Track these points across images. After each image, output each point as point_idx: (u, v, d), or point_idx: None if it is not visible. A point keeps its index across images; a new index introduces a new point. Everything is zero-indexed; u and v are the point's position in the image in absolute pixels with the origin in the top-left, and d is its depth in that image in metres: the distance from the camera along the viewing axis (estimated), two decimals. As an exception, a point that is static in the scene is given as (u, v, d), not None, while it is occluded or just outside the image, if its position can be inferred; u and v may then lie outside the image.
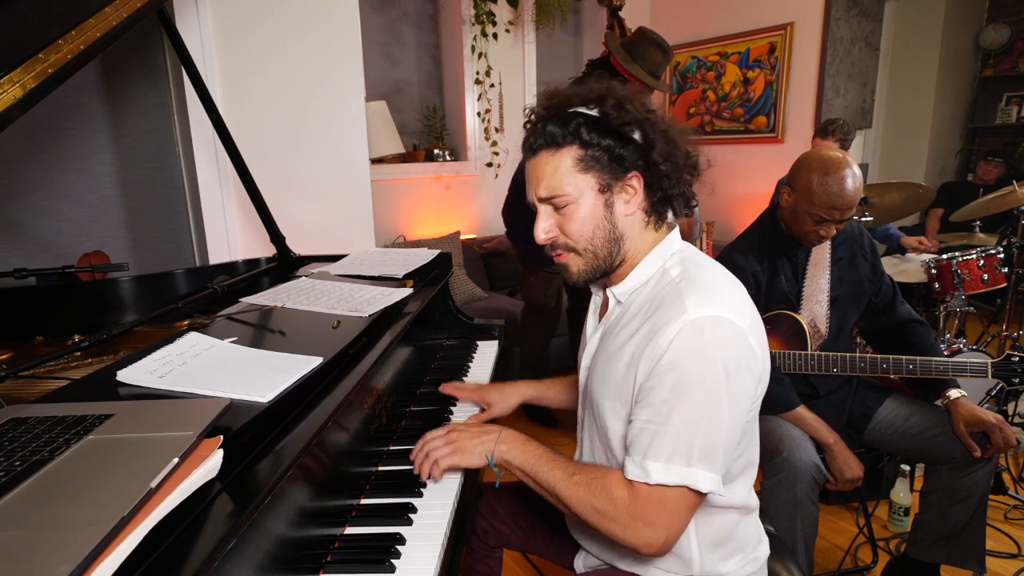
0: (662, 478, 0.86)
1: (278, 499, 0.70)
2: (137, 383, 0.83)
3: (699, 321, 0.85)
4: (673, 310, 0.88)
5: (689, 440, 0.85)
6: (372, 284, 1.46)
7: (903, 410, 1.66)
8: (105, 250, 2.12)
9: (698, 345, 0.84)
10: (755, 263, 1.64)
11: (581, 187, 0.93)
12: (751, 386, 0.90)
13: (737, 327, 0.86)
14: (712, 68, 4.34)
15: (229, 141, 1.65)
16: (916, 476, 2.22)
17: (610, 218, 0.95)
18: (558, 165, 0.93)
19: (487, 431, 1.04)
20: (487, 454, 1.01)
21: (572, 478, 0.93)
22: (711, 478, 0.86)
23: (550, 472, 0.95)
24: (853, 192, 1.50)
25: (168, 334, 1.02)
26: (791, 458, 1.48)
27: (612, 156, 0.92)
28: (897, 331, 1.72)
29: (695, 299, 0.87)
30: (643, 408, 0.88)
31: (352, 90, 2.29)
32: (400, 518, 0.93)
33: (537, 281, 2.81)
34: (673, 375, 0.85)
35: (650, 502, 0.87)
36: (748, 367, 0.88)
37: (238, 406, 0.77)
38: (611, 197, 0.94)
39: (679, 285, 0.91)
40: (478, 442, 1.02)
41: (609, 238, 0.96)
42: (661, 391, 0.86)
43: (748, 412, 0.94)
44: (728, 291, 0.92)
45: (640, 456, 0.88)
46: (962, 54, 4.88)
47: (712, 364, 0.84)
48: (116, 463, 0.61)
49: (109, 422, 0.70)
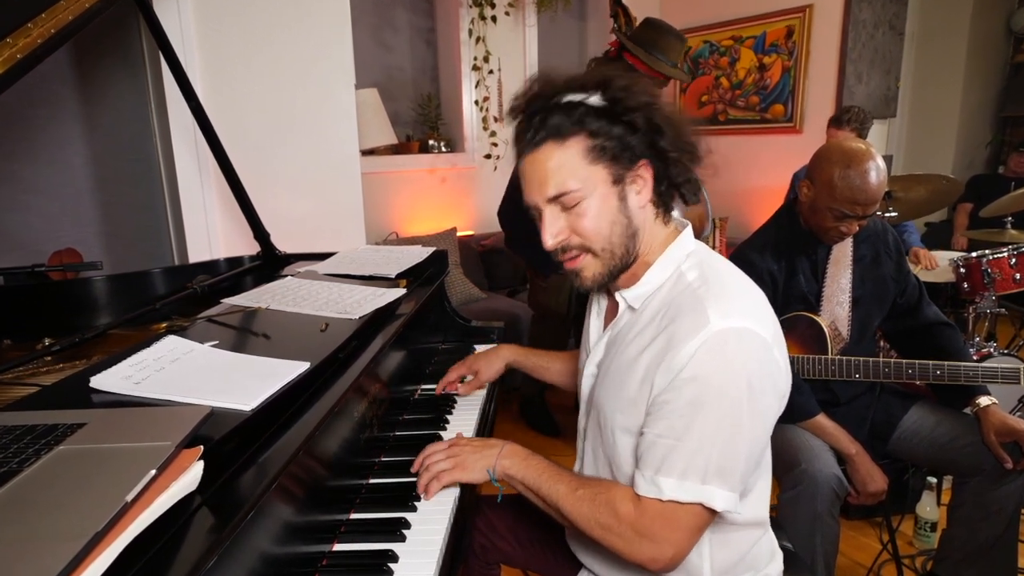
0: (675, 494, 0.86)
1: (262, 514, 0.70)
2: (112, 389, 0.83)
3: (723, 333, 0.85)
4: (694, 320, 0.87)
5: (706, 457, 0.85)
6: (363, 284, 1.46)
7: (930, 418, 1.66)
8: (78, 247, 2.12)
9: (721, 359, 0.84)
10: (771, 261, 1.64)
11: (593, 180, 0.92)
12: (774, 401, 0.90)
13: (763, 339, 0.86)
14: (725, 53, 4.34)
15: (210, 131, 1.64)
16: (944, 489, 2.21)
17: (625, 211, 0.94)
18: (565, 158, 0.91)
19: (489, 445, 1.06)
20: (488, 469, 1.03)
21: (576, 492, 0.94)
22: (727, 496, 0.86)
23: (553, 486, 0.97)
24: (877, 186, 1.50)
25: (145, 337, 1.02)
26: (810, 470, 1.48)
27: (622, 145, 0.92)
28: (923, 334, 1.72)
29: (718, 308, 0.87)
30: (657, 420, 0.88)
31: (341, 77, 2.29)
32: (392, 534, 0.93)
33: (549, 287, 2.76)
34: (692, 389, 0.85)
35: (660, 518, 0.87)
36: (773, 381, 0.88)
37: (219, 414, 0.77)
38: (624, 189, 0.94)
39: (698, 292, 0.91)
40: (479, 457, 1.04)
41: (626, 234, 0.95)
42: (678, 404, 0.86)
43: (770, 429, 0.94)
44: (751, 300, 0.92)
45: (652, 471, 0.87)
46: (993, 38, 4.88)
47: (735, 378, 0.84)
48: (89, 475, 0.61)
49: (82, 431, 0.70)
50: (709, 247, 1.04)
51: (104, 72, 2.15)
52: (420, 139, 3.92)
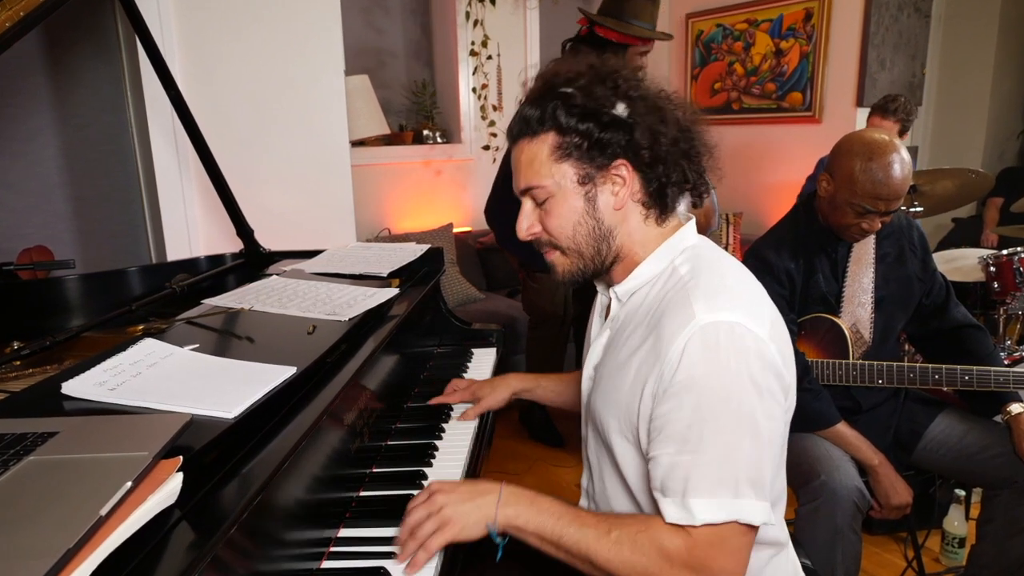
0: (709, 516, 0.82)
1: (245, 529, 0.70)
2: (85, 396, 0.83)
3: (711, 327, 0.84)
4: (680, 315, 0.87)
5: (732, 467, 0.83)
6: (352, 284, 1.46)
7: (958, 427, 1.66)
8: (49, 245, 2.13)
9: (714, 357, 0.83)
10: (789, 260, 1.64)
11: (558, 179, 0.94)
12: (782, 397, 0.90)
13: (755, 334, 0.85)
14: (740, 38, 4.34)
15: (190, 121, 1.65)
16: (972, 502, 2.21)
17: (593, 213, 0.95)
18: (535, 154, 0.94)
19: (481, 492, 0.92)
20: (487, 522, 0.90)
21: (609, 536, 0.86)
22: (762, 507, 0.84)
23: (579, 533, 0.87)
24: (901, 180, 1.50)
25: (120, 340, 1.02)
26: (830, 482, 1.48)
27: (592, 143, 0.92)
28: (951, 337, 1.72)
29: (705, 301, 0.86)
30: (666, 441, 0.86)
31: (330, 63, 2.29)
32: (384, 552, 0.92)
33: (541, 287, 2.78)
34: (692, 396, 0.84)
35: (708, 545, 0.83)
36: (776, 376, 0.87)
37: (200, 422, 0.77)
38: (593, 189, 0.95)
39: (687, 285, 0.90)
40: (473, 508, 0.91)
41: (593, 235, 0.96)
42: (682, 416, 0.84)
43: (784, 427, 0.93)
44: (744, 291, 0.92)
45: (680, 496, 0.83)
46: (1025, 21, 4.88)
47: (737, 378, 0.83)
48: (61, 487, 0.61)
49: (53, 441, 0.70)
50: (719, 244, 1.04)
51: (77, 59, 2.15)
52: (414, 129, 3.92)
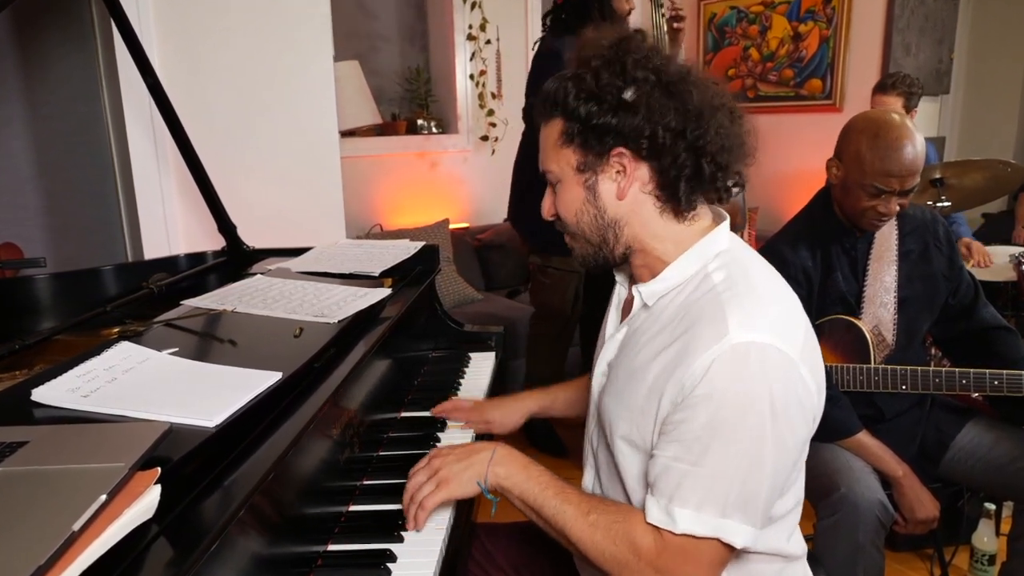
0: (690, 527, 0.86)
1: (227, 545, 0.70)
2: (57, 403, 0.83)
3: (743, 347, 0.85)
4: (712, 329, 0.87)
5: (725, 487, 0.85)
6: (342, 283, 1.46)
7: (987, 436, 1.66)
8: (17, 242, 2.13)
9: (739, 377, 0.85)
10: (806, 257, 1.64)
11: (562, 165, 0.98)
12: (802, 426, 0.91)
13: (787, 357, 0.86)
14: (755, 21, 4.34)
15: (169, 110, 1.65)
16: (1003, 517, 2.21)
17: (594, 202, 0.97)
18: (547, 138, 0.99)
19: (475, 450, 1.03)
20: (478, 479, 0.99)
21: (587, 518, 0.93)
22: (747, 532, 0.87)
23: (559, 507, 0.95)
24: (912, 154, 1.50)
25: (94, 344, 1.02)
26: (851, 495, 1.48)
27: (588, 128, 0.93)
28: (979, 339, 1.72)
29: (740, 317, 0.87)
30: (670, 443, 0.88)
31: (318, 48, 2.29)
32: (376, 568, 0.93)
33: (553, 281, 2.80)
34: (708, 410, 0.85)
35: (680, 553, 0.88)
36: (799, 402, 0.88)
37: (179, 431, 0.77)
38: (593, 177, 0.96)
39: (722, 296, 0.91)
40: (465, 466, 1.00)
41: (597, 224, 0.99)
42: (692, 426, 0.86)
43: (799, 456, 0.94)
44: (781, 309, 0.93)
45: (666, 499, 0.88)
46: (1059, 3, 4.87)
47: (756, 401, 0.85)
48: (31, 501, 0.61)
49: (22, 451, 0.70)
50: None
51: (47, 44, 2.15)
52: (407, 118, 3.93)
